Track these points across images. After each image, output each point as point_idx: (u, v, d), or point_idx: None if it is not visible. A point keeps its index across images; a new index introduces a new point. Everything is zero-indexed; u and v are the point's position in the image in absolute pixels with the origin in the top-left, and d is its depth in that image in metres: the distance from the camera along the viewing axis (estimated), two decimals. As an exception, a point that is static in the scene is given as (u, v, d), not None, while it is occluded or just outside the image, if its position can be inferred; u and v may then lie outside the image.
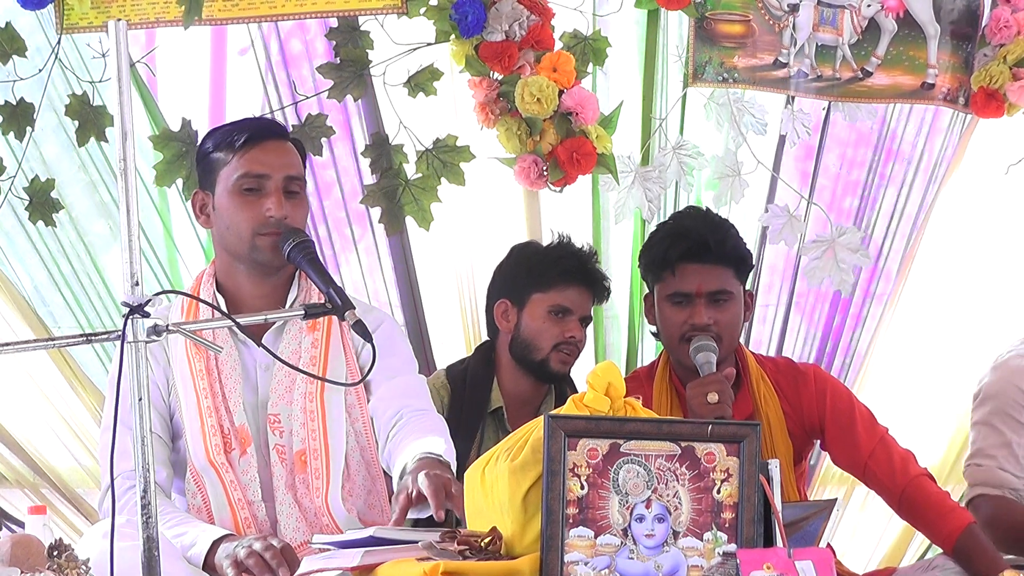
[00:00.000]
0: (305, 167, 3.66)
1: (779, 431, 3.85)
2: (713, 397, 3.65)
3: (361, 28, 4.31)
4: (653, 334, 4.04)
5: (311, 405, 3.54)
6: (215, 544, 3.32)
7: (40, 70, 4.27)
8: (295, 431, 3.53)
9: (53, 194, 4.33)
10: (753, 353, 4.00)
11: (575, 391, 4.27)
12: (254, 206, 3.52)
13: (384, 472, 3.61)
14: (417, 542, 2.84)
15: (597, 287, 4.23)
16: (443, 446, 3.39)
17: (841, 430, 3.85)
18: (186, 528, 3.39)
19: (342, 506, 3.51)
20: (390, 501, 3.42)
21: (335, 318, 3.43)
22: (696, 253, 3.80)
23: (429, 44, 4.31)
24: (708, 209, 4.09)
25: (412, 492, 3.18)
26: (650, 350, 4.59)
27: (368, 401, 3.60)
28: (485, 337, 4.36)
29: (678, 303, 3.83)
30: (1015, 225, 4.78)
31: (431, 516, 3.18)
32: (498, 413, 4.23)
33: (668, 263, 3.83)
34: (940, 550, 3.73)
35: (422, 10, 4.26)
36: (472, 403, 4.17)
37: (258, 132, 3.58)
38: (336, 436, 3.54)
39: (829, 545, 4.02)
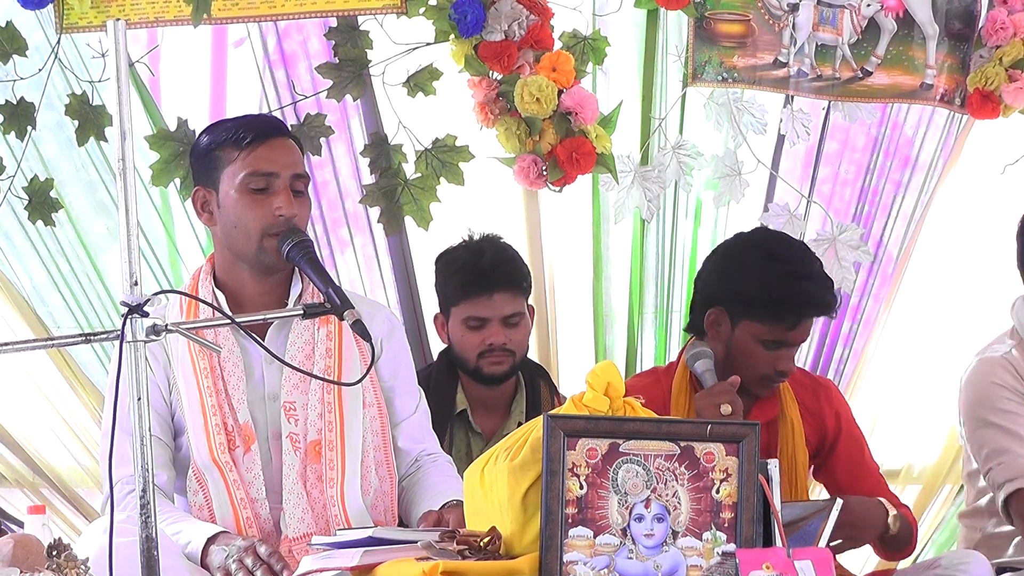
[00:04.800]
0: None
1: (800, 437, 3.86)
2: (727, 409, 3.63)
3: (360, 28, 4.30)
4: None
5: (329, 396, 3.54)
6: (208, 543, 3.34)
7: (40, 70, 4.26)
8: (311, 420, 3.53)
9: (52, 194, 4.32)
10: None
11: (549, 383, 4.28)
12: (263, 205, 3.51)
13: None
14: (416, 542, 2.84)
15: (508, 286, 4.15)
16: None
17: (850, 456, 3.90)
18: (182, 526, 3.41)
19: (360, 499, 3.51)
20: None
21: None
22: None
23: (428, 44, 4.31)
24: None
25: (447, 520, 3.30)
26: (650, 350, 4.58)
27: (389, 419, 3.64)
28: None
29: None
30: (1011, 225, 4.77)
31: None
32: (464, 415, 4.23)
33: None
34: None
35: (421, 10, 4.25)
36: (438, 407, 4.14)
37: (264, 130, 3.58)
38: (354, 429, 3.54)
39: (828, 545, 4.02)
